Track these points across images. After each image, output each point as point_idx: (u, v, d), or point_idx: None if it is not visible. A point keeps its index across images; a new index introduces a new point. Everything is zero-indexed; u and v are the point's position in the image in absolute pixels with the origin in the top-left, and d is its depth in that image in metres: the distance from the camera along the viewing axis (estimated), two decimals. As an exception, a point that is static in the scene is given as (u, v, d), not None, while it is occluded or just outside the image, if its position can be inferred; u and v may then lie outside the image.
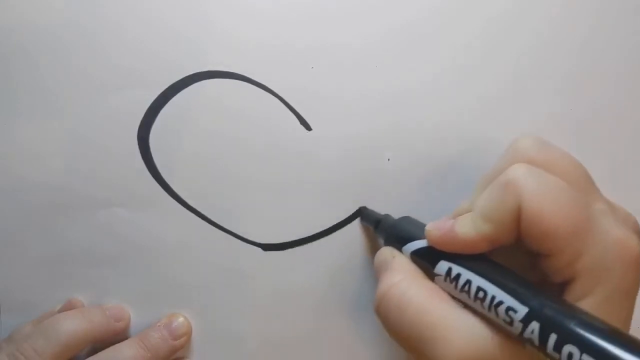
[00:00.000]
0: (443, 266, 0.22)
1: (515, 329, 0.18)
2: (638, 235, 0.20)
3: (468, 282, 0.20)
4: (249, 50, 0.29)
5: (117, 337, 0.29)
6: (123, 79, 0.29)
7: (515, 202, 0.20)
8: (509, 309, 0.19)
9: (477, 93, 0.29)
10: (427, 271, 0.23)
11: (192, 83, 0.29)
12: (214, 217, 0.30)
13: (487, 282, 0.20)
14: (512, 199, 0.20)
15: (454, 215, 0.23)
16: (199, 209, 0.30)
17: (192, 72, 0.29)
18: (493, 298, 0.19)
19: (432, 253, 0.22)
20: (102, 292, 0.30)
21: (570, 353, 0.16)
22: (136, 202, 0.29)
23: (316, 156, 0.30)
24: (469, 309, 0.21)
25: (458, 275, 0.21)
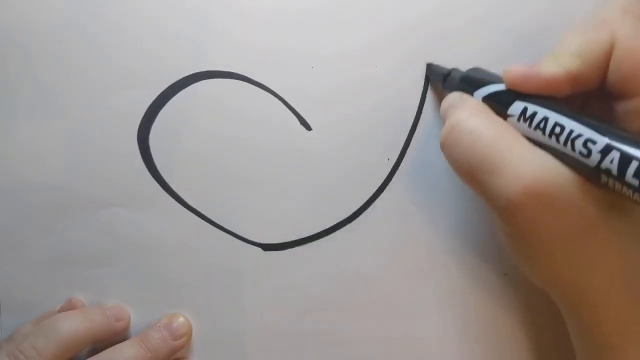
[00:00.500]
0: (518, 106, 0.21)
1: (593, 160, 0.18)
2: None
3: (545, 118, 0.20)
4: (248, 50, 0.29)
5: (117, 337, 0.29)
6: (123, 79, 0.29)
7: (609, 38, 0.20)
8: (588, 140, 0.18)
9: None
10: (499, 114, 0.22)
11: (191, 83, 0.29)
12: (214, 217, 0.30)
13: (565, 117, 0.19)
14: (605, 34, 0.20)
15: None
16: (198, 209, 0.30)
17: (192, 72, 0.29)
18: (571, 132, 0.19)
19: (507, 95, 0.22)
20: (102, 292, 0.30)
21: None
22: (136, 202, 0.29)
23: (316, 156, 0.30)
24: (542, 146, 0.20)
25: (534, 114, 0.21)
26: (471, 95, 0.24)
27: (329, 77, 0.29)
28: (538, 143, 0.20)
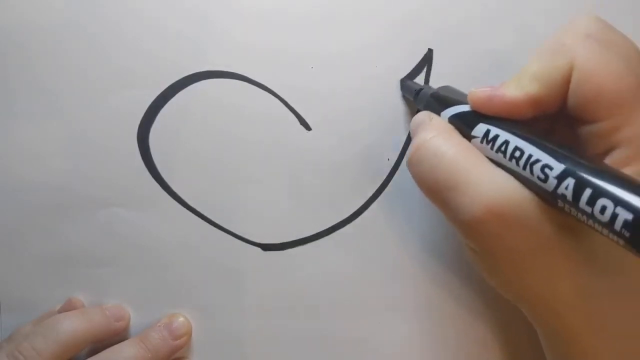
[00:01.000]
0: (481, 128, 0.22)
1: (549, 185, 0.18)
2: None
3: (506, 142, 0.21)
4: (248, 50, 0.29)
5: (117, 337, 0.29)
6: (123, 79, 0.29)
7: (568, 62, 0.20)
8: (545, 166, 0.19)
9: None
10: (464, 134, 0.23)
11: (191, 83, 0.29)
12: (214, 217, 0.30)
13: (525, 142, 0.20)
14: (564, 58, 0.20)
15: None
16: (198, 209, 0.30)
17: (192, 72, 0.29)
18: (530, 157, 0.19)
19: (471, 116, 0.23)
20: (102, 292, 0.30)
21: (603, 206, 0.16)
22: (136, 202, 0.29)
23: (316, 156, 0.30)
24: (503, 168, 0.21)
25: (496, 137, 0.21)
26: (439, 114, 0.25)
27: (329, 77, 0.29)
28: (500, 165, 0.21)
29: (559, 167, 0.18)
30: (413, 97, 0.28)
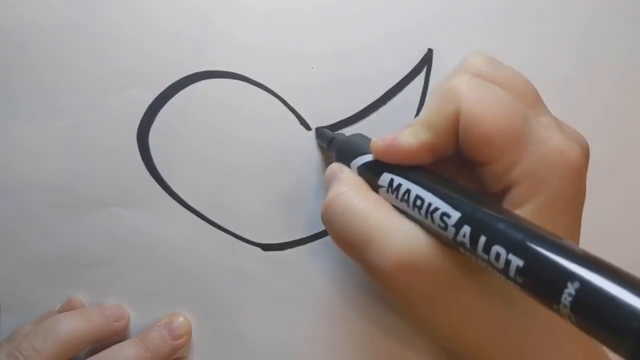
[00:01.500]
0: (386, 177, 0.22)
1: (449, 233, 0.19)
2: (582, 149, 0.20)
3: (408, 191, 0.21)
4: (248, 50, 0.29)
5: (117, 337, 0.29)
6: (123, 79, 0.29)
7: (454, 108, 0.20)
8: (444, 214, 0.19)
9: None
10: (372, 184, 0.23)
11: (191, 83, 0.29)
12: (214, 217, 0.30)
13: (424, 190, 0.20)
14: (450, 104, 0.20)
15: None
16: (198, 209, 0.30)
17: (192, 72, 0.29)
18: (429, 205, 0.20)
19: (377, 166, 0.23)
20: (102, 292, 0.30)
21: (497, 253, 0.17)
22: (136, 202, 0.29)
23: (316, 156, 0.30)
24: (409, 217, 0.21)
25: (399, 186, 0.21)
26: (350, 164, 0.25)
27: (328, 77, 0.29)
28: (407, 213, 0.21)
29: (455, 215, 0.19)
30: (327, 146, 0.28)
